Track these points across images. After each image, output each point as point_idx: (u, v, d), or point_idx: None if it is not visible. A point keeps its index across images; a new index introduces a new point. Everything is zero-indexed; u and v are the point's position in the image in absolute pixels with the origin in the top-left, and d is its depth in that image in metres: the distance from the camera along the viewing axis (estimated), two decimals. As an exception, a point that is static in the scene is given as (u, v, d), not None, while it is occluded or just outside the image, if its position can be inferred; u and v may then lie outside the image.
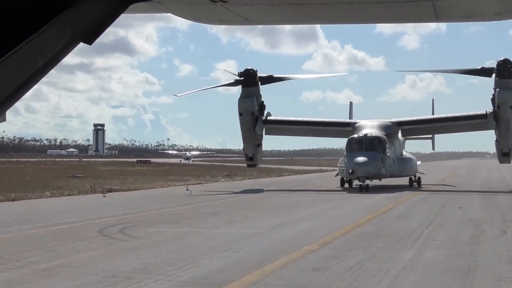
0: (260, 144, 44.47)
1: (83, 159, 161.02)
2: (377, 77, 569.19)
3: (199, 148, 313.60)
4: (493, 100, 39.33)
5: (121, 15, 4.21)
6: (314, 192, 38.17)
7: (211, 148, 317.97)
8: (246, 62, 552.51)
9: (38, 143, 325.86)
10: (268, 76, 43.33)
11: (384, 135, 41.45)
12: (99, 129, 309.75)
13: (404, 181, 44.52)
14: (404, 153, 46.36)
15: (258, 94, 43.00)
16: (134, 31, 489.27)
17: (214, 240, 16.34)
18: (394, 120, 44.93)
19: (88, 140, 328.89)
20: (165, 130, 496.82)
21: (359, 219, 21.77)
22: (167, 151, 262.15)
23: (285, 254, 13.86)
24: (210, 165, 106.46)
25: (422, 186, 43.37)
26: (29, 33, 3.55)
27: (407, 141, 50.89)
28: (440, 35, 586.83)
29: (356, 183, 40.79)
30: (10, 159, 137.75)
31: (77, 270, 12.20)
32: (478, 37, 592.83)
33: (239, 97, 42.69)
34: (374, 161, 38.64)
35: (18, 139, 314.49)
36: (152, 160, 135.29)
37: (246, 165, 46.96)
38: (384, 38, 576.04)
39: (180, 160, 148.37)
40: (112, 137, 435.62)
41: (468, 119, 42.96)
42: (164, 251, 14.48)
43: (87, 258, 13.64)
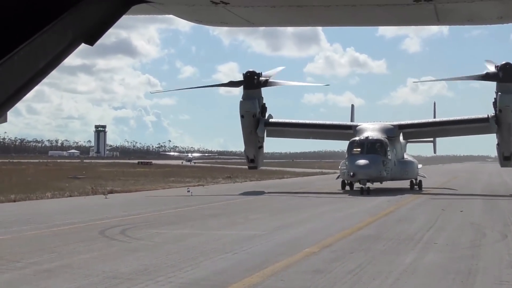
0: (261, 146, 44.45)
1: (85, 161, 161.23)
2: (379, 80, 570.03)
3: (201, 150, 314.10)
4: (494, 103, 39.33)
5: (123, 16, 4.21)
6: (315, 195, 38.13)
7: (213, 150, 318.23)
8: (247, 64, 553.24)
9: (40, 144, 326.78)
10: (265, 80, 43.01)
11: (386, 138, 41.43)
12: (100, 131, 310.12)
13: (405, 184, 44.49)
14: (405, 156, 46.35)
15: (260, 96, 42.95)
16: (136, 32, 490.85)
17: (215, 242, 16.34)
18: (395, 123, 44.92)
19: (90, 141, 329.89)
20: (166, 132, 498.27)
21: (360, 221, 21.76)
22: (169, 153, 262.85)
23: (286, 256, 13.85)
24: (211, 167, 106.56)
25: (423, 189, 43.31)
26: (31, 34, 3.55)
27: (408, 144, 50.89)
28: (442, 39, 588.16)
29: (357, 185, 40.79)
30: (11, 160, 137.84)
31: (78, 271, 12.20)
32: (479, 40, 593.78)
33: (241, 99, 42.68)
34: (375, 164, 38.63)
35: (19, 140, 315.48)
36: (153, 161, 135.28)
37: (247, 167, 46.95)
38: (386, 41, 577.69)
39: (182, 162, 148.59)
40: (113, 139, 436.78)
41: (470, 123, 42.96)
42: (165, 253, 14.48)
43: (88, 259, 13.64)
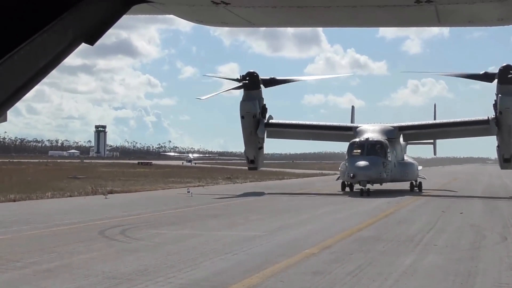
0: (261, 147, 44.44)
1: (85, 161, 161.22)
2: (379, 81, 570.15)
3: (201, 150, 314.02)
4: (495, 105, 39.32)
5: (123, 16, 4.21)
6: (315, 196, 38.13)
7: (213, 151, 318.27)
8: (248, 65, 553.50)
9: (40, 144, 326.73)
10: (270, 78, 43.28)
11: (386, 139, 41.41)
12: (100, 131, 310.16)
13: (405, 185, 44.47)
14: (405, 157, 46.31)
15: (260, 97, 42.95)
16: (136, 33, 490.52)
17: (214, 243, 16.33)
18: (396, 124, 44.89)
19: (90, 141, 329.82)
20: (166, 132, 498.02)
21: (360, 223, 21.76)
22: (169, 153, 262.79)
23: (285, 257, 13.85)
24: (211, 168, 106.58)
25: (423, 191, 43.29)
26: (31, 34, 3.55)
27: (408, 146, 50.84)
28: (442, 40, 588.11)
29: (357, 187, 40.77)
30: (11, 160, 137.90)
31: (78, 271, 12.20)
32: (480, 42, 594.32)
33: (241, 100, 42.65)
34: (376, 165, 38.62)
35: (19, 140, 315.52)
36: (154, 162, 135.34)
37: (247, 168, 46.94)
38: (387, 43, 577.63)
39: (182, 163, 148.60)
40: (113, 139, 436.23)
41: (470, 125, 42.96)
42: (164, 253, 14.47)
43: (88, 259, 13.64)
